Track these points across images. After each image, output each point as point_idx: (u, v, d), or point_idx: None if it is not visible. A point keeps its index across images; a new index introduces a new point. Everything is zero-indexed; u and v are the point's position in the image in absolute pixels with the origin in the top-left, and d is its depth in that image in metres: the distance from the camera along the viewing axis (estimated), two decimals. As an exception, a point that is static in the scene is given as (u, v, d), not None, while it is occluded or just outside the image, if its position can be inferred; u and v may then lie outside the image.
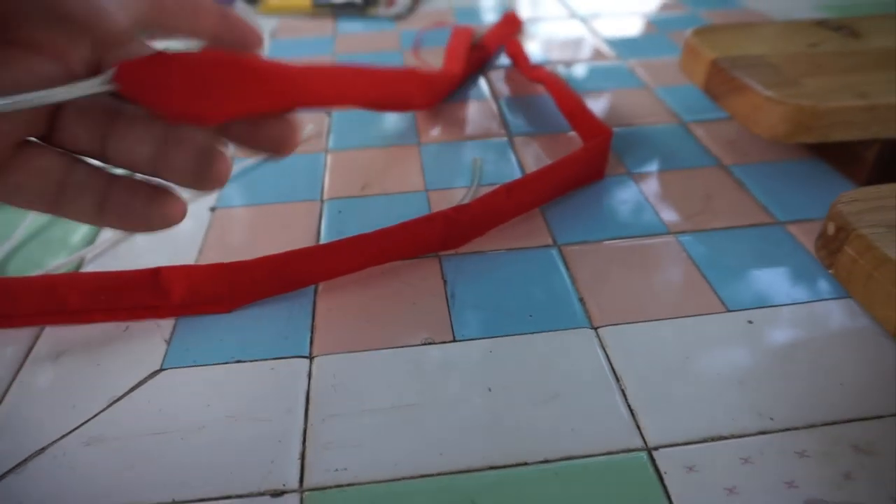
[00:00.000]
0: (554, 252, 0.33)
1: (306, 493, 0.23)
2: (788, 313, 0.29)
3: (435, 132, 0.45)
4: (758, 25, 0.45)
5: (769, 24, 0.45)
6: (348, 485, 0.23)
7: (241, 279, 0.30)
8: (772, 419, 0.25)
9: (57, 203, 0.23)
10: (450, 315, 0.30)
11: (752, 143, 0.42)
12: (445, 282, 0.32)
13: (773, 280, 0.31)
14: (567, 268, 0.32)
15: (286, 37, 0.64)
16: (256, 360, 0.28)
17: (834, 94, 0.34)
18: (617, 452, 0.24)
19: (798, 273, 0.31)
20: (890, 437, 0.24)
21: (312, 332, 0.29)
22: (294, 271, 0.31)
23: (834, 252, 0.26)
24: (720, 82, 0.38)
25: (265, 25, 0.67)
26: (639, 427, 0.25)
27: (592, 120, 0.40)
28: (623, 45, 0.59)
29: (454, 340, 0.28)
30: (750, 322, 0.29)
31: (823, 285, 0.30)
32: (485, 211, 0.33)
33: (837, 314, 0.29)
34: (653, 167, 0.40)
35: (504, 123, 0.46)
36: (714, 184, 0.38)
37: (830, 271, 0.26)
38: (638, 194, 0.37)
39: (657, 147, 0.42)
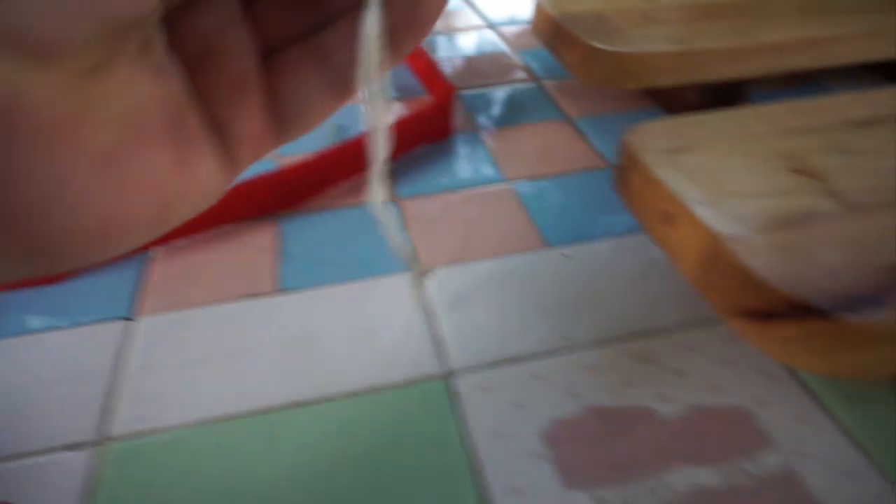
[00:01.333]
0: (392, 205, 0.34)
1: (104, 443, 0.23)
2: (601, 246, 0.31)
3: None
4: (604, -15, 0.46)
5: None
6: (148, 433, 0.23)
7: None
8: (570, 340, 0.26)
9: None
10: (278, 269, 0.30)
11: (597, 96, 0.44)
12: (279, 239, 0.32)
13: (593, 218, 0.32)
14: (402, 218, 0.33)
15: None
16: (79, 326, 0.28)
17: (655, 42, 0.36)
18: (419, 380, 0.25)
19: (615, 210, 0.33)
20: (669, 346, 0.25)
21: (139, 295, 0.29)
22: None
23: (622, 180, 0.27)
24: (558, 37, 0.39)
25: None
26: (443, 357, 0.26)
27: (439, 80, 0.41)
28: (489, 12, 0.60)
29: (279, 292, 0.29)
30: (566, 256, 0.30)
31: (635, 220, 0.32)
32: (320, 168, 0.34)
33: (644, 245, 0.31)
34: (501, 122, 0.41)
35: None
36: (557, 135, 0.40)
37: (623, 198, 0.27)
38: (482, 148, 0.39)
39: (510, 105, 0.44)
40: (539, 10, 0.42)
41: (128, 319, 0.28)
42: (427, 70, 0.43)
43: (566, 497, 0.20)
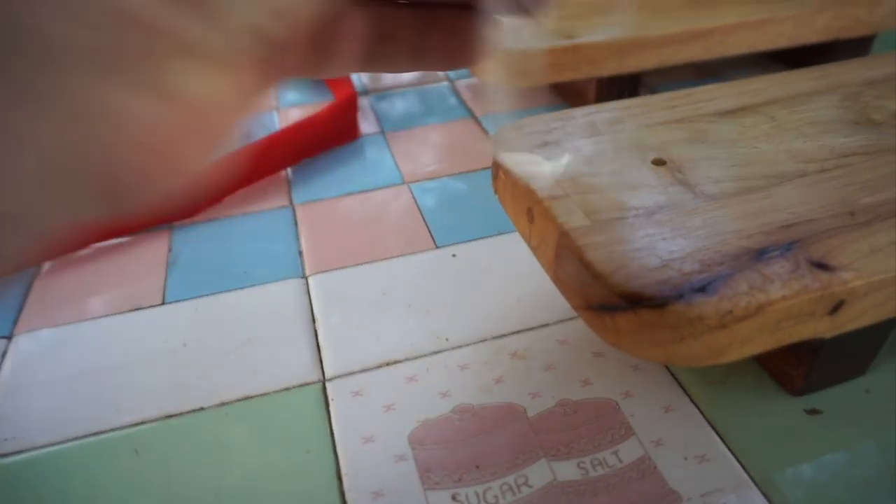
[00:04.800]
0: (288, 212, 0.34)
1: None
2: (489, 245, 0.31)
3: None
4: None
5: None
6: (13, 453, 0.23)
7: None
8: (447, 340, 0.26)
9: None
10: (165, 281, 0.30)
11: (506, 94, 0.44)
12: (170, 250, 0.32)
13: (485, 217, 0.33)
14: (296, 224, 0.33)
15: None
16: (-49, 347, 0.27)
17: (545, 38, 0.36)
18: (293, 388, 0.24)
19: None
20: (544, 341, 0.26)
21: (19, 313, 0.29)
22: None
23: (495, 178, 0.28)
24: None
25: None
26: (321, 362, 0.25)
27: (343, 83, 0.41)
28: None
29: (163, 304, 0.29)
30: (454, 255, 0.30)
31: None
32: (215, 177, 0.33)
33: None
34: (408, 124, 0.41)
35: (275, 96, 0.46)
36: (463, 134, 0.40)
37: (497, 196, 0.28)
38: (385, 151, 0.38)
39: (419, 106, 0.44)
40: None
41: (5, 338, 0.27)
42: None
43: (426, 498, 0.20)
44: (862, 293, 0.20)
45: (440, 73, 0.47)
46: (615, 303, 0.19)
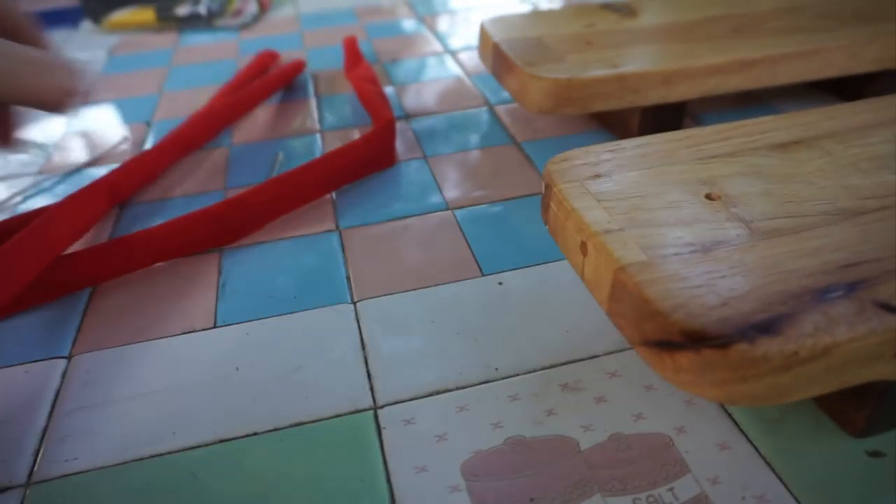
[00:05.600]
0: (335, 236, 0.34)
1: (32, 486, 0.23)
2: (536, 273, 0.31)
3: (248, 133, 0.46)
4: (548, 11, 0.47)
5: (558, 10, 0.48)
6: (76, 473, 0.23)
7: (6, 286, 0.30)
8: (496, 369, 0.26)
9: None
10: (216, 304, 0.30)
11: (546, 121, 0.44)
12: (220, 273, 0.32)
13: (531, 244, 0.33)
14: (343, 250, 0.33)
15: (126, 52, 0.64)
16: (11, 366, 0.28)
17: (591, 67, 0.36)
18: (345, 414, 0.25)
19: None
20: (594, 373, 0.26)
21: (78, 333, 0.29)
22: (65, 275, 0.31)
23: (546, 209, 0.28)
24: (500, 63, 0.40)
25: (107, 42, 0.67)
26: (372, 389, 0.26)
27: (382, 108, 0.41)
28: (448, 38, 0.61)
29: (214, 327, 0.29)
30: (500, 283, 0.30)
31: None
32: (258, 203, 0.34)
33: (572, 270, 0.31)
34: (449, 149, 0.42)
35: (319, 120, 0.47)
36: (504, 160, 0.40)
37: (547, 226, 0.28)
38: (428, 175, 0.39)
39: (459, 130, 0.44)
40: (483, 34, 0.43)
41: (65, 357, 0.28)
42: (372, 98, 0.43)
43: (481, 531, 0.20)
44: (930, 336, 0.19)
45: (479, 97, 0.48)
46: (676, 340, 0.19)
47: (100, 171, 0.42)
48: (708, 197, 0.25)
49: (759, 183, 0.26)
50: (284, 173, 0.35)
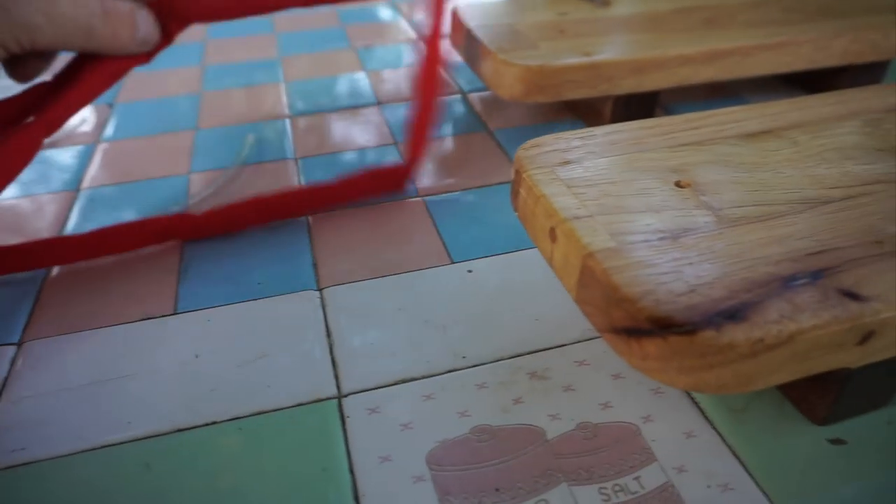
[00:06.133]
0: (302, 223, 0.34)
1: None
2: (505, 261, 0.31)
3: (217, 117, 0.45)
4: (525, -1, 0.47)
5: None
6: (23, 464, 0.22)
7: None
8: (464, 358, 0.26)
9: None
10: (177, 289, 0.29)
11: (519, 109, 0.44)
12: (181, 259, 0.31)
13: (501, 232, 0.32)
14: (310, 235, 0.33)
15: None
16: (-40, 353, 0.27)
17: (563, 54, 0.36)
18: (308, 403, 0.24)
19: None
20: (562, 362, 0.25)
21: (29, 319, 0.28)
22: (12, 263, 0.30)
23: (515, 195, 0.27)
24: (473, 50, 0.39)
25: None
26: (336, 378, 0.25)
27: (416, 149, 0.36)
28: (423, 25, 0.60)
29: (174, 314, 0.28)
30: (469, 271, 0.30)
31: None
32: (216, 222, 0.33)
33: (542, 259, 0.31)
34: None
35: (288, 105, 0.46)
36: (476, 148, 0.40)
37: (517, 213, 0.27)
38: (399, 162, 0.38)
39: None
40: (455, 21, 0.42)
41: (14, 344, 0.27)
42: (417, 124, 0.41)
43: (445, 521, 0.20)
44: (892, 324, 0.19)
45: (455, 86, 0.47)
46: (643, 327, 0.19)
47: (61, 154, 0.41)
48: (678, 184, 0.25)
49: (727, 171, 0.25)
50: (274, 196, 0.33)
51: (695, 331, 0.18)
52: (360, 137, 0.42)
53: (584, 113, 0.41)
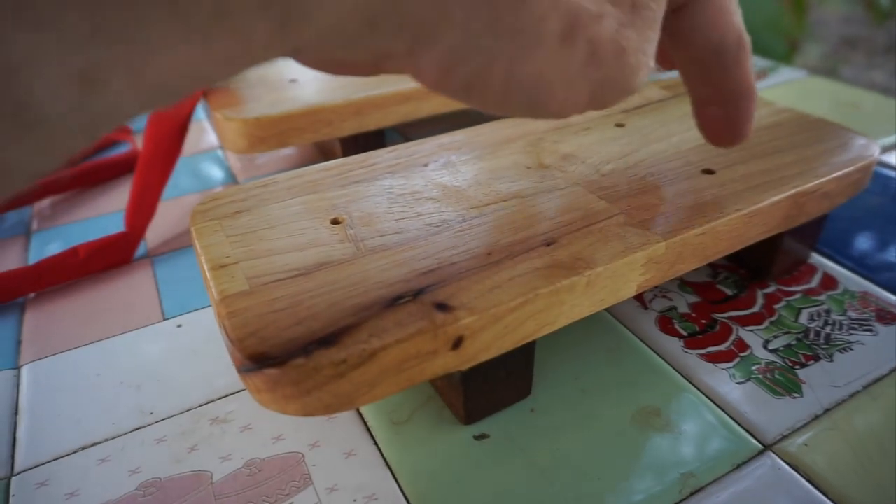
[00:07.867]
0: (16, 304, 0.33)
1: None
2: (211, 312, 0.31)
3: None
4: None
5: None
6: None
7: None
8: (151, 414, 0.26)
9: None
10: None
11: (270, 157, 0.45)
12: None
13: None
14: (22, 311, 0.32)
15: None
16: None
17: (282, 104, 0.38)
18: (-25, 488, 0.24)
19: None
20: (247, 403, 0.26)
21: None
22: None
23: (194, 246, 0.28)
24: (207, 108, 0.40)
25: None
26: (13, 457, 0.25)
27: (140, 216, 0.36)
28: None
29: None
30: (179, 326, 0.31)
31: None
32: None
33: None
34: (168, 194, 0.42)
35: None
36: (221, 201, 0.41)
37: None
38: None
39: (188, 175, 0.44)
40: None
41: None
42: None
43: (92, 584, 0.20)
44: (478, 327, 0.22)
45: (215, 144, 0.48)
46: (247, 365, 0.20)
47: None
48: (334, 221, 0.27)
49: (385, 204, 0.28)
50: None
51: (284, 361, 0.20)
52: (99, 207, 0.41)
53: (325, 153, 0.43)
